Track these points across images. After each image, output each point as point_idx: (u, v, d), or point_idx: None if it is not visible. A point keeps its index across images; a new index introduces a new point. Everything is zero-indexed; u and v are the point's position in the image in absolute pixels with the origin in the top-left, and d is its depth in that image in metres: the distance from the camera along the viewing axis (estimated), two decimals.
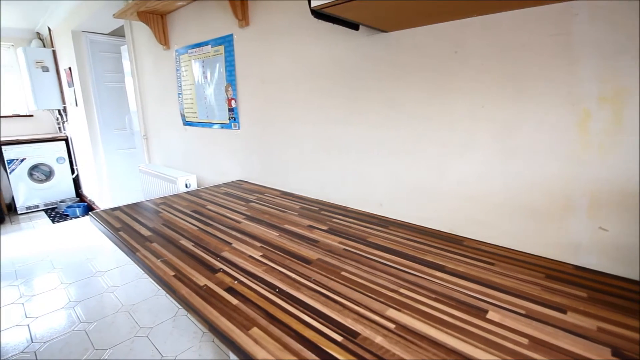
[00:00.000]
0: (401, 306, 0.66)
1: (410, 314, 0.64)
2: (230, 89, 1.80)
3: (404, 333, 0.58)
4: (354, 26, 1.10)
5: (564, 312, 0.64)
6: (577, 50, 0.75)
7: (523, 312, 0.64)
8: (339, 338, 0.57)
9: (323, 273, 0.80)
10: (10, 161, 3.94)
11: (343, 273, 0.79)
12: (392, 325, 0.60)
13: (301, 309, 0.66)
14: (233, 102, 1.80)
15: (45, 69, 4.05)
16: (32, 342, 1.81)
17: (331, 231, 1.06)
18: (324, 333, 0.58)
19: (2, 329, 1.92)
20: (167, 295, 2.23)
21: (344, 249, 0.92)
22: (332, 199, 1.39)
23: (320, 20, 1.24)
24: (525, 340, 0.56)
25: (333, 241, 0.98)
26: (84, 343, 1.80)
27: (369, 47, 1.14)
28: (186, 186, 2.08)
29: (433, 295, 0.70)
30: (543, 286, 0.72)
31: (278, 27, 1.46)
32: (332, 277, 0.78)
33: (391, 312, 0.64)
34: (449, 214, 1.04)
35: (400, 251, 0.90)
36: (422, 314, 0.64)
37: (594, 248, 0.79)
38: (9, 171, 3.96)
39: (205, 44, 1.89)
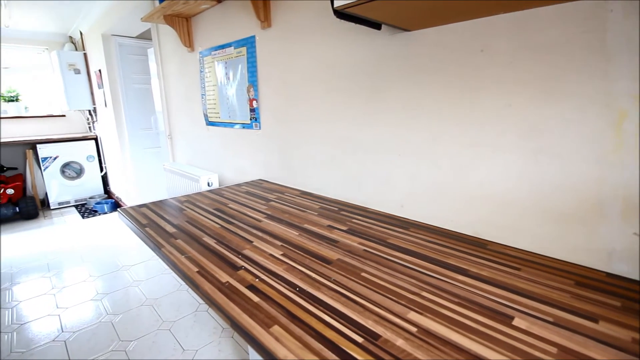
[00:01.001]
0: (423, 309, 0.65)
1: (433, 317, 0.63)
2: (251, 89, 1.83)
3: (426, 337, 0.58)
4: (376, 25, 1.09)
5: (595, 321, 0.61)
6: (612, 47, 0.72)
7: (551, 319, 0.62)
8: (359, 339, 0.57)
9: (343, 273, 0.80)
10: (44, 159, 4.15)
11: (363, 274, 0.79)
12: (413, 329, 0.60)
13: (321, 308, 0.66)
14: (254, 102, 1.83)
15: (77, 71, 4.24)
16: (62, 331, 1.90)
17: (351, 231, 1.05)
18: (344, 334, 0.58)
19: (35, 318, 2.03)
20: (188, 290, 2.29)
21: (364, 250, 0.92)
22: (351, 200, 1.38)
23: (342, 21, 1.24)
24: (553, 349, 0.55)
25: (353, 242, 0.98)
26: (110, 334, 1.87)
27: (391, 47, 1.13)
28: (208, 185, 2.13)
29: (456, 300, 0.68)
30: (573, 293, 0.70)
31: (299, 28, 1.47)
32: (352, 278, 0.77)
33: (413, 315, 0.63)
34: (473, 217, 1.01)
35: (421, 253, 0.89)
36: (444, 318, 0.63)
37: (628, 255, 0.75)
38: (42, 168, 4.17)
39: (228, 45, 1.92)
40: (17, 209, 3.83)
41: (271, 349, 0.55)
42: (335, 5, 0.82)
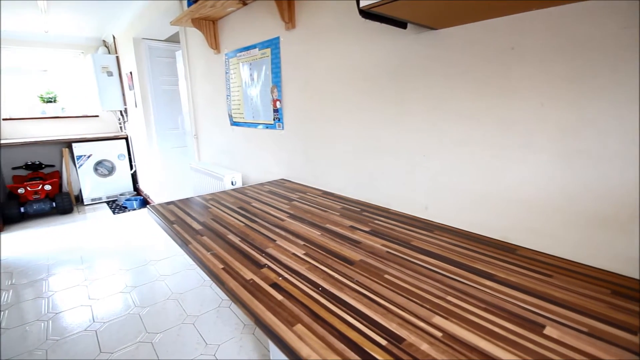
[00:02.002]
0: (448, 314, 0.64)
1: (459, 323, 0.61)
2: (275, 90, 1.85)
3: (452, 342, 0.56)
4: (402, 25, 1.08)
5: (633, 333, 0.58)
6: None
7: (586, 329, 0.59)
8: (383, 342, 0.57)
9: (366, 275, 0.79)
10: (79, 157, 4.38)
11: (386, 276, 0.78)
12: (438, 334, 0.58)
13: (344, 309, 0.66)
14: (278, 103, 1.85)
15: (110, 74, 4.44)
16: (94, 321, 2.00)
17: (373, 233, 1.05)
18: (367, 335, 0.58)
19: (68, 308, 2.14)
20: (212, 286, 2.35)
21: (387, 252, 0.91)
22: (374, 200, 1.37)
23: (367, 20, 1.24)
24: None
25: (375, 243, 0.97)
26: (137, 326, 1.95)
27: (417, 46, 1.11)
28: (232, 183, 2.17)
29: (483, 305, 0.66)
30: (609, 303, 0.66)
31: (323, 29, 1.47)
32: (375, 280, 0.77)
33: (438, 320, 0.62)
34: (501, 220, 0.98)
35: (446, 257, 0.87)
36: (471, 324, 0.61)
37: None
38: (77, 166, 4.40)
39: (253, 47, 1.95)
40: (54, 204, 4.05)
41: (295, 347, 0.55)
42: (361, 5, 0.82)
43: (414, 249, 0.92)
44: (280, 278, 0.79)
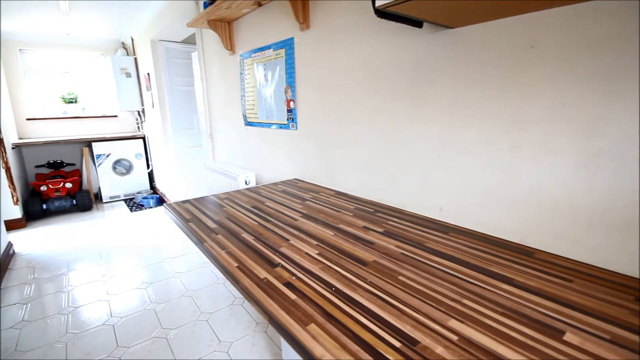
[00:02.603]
0: (464, 317, 0.63)
1: (475, 327, 0.60)
2: (289, 90, 1.86)
3: (468, 346, 0.55)
4: (418, 24, 1.07)
5: None
6: None
7: (608, 337, 0.57)
8: (397, 344, 0.56)
9: (379, 276, 0.79)
10: (99, 156, 4.50)
11: (400, 277, 0.78)
12: (454, 337, 0.57)
13: (358, 310, 0.66)
14: (292, 103, 1.86)
15: (128, 75, 4.55)
16: (112, 316, 2.05)
17: (387, 234, 1.04)
18: (381, 337, 0.58)
19: (87, 303, 2.20)
20: (225, 284, 2.37)
21: (401, 253, 0.90)
22: (387, 201, 1.36)
23: (382, 20, 1.23)
24: None
25: (389, 244, 0.96)
26: (153, 321, 1.99)
27: (433, 45, 1.10)
28: (246, 183, 2.19)
29: (500, 309, 0.65)
30: (632, 310, 0.64)
31: (337, 29, 1.47)
32: (389, 281, 0.76)
33: (453, 323, 0.61)
34: (519, 223, 0.96)
35: (461, 259, 0.86)
36: (488, 328, 0.60)
37: None
38: (97, 165, 4.52)
39: (268, 47, 1.97)
40: (74, 201, 4.18)
41: (308, 347, 0.56)
42: (376, 5, 0.82)
43: (429, 250, 0.91)
44: (294, 277, 0.79)
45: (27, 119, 4.53)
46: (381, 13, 0.87)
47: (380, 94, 1.32)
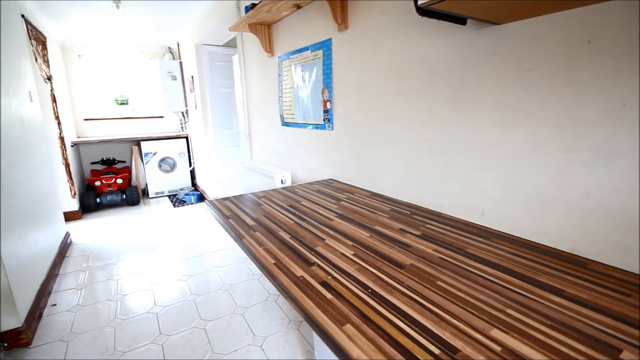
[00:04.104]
0: (508, 328, 0.60)
1: (520, 338, 0.57)
2: (326, 91, 1.87)
3: (512, 358, 0.53)
4: (461, 20, 1.03)
5: None
6: None
7: None
8: (436, 350, 0.55)
9: (417, 280, 0.77)
10: (146, 154, 4.80)
11: (439, 283, 0.76)
12: (497, 348, 0.55)
13: (395, 313, 0.65)
14: (328, 103, 1.87)
15: (174, 78, 4.81)
16: (155, 305, 2.18)
17: (425, 237, 1.01)
18: (419, 342, 0.57)
19: (134, 291, 2.36)
20: (259, 280, 2.44)
21: (440, 257, 0.88)
22: (425, 204, 1.33)
23: (423, 18, 1.20)
24: None
25: (427, 248, 0.94)
26: (192, 312, 2.08)
27: (477, 42, 1.06)
28: (281, 182, 2.24)
29: (548, 322, 0.61)
30: None
31: (376, 29, 1.46)
32: (427, 286, 0.74)
33: (496, 333, 0.58)
34: (570, 230, 0.90)
35: (506, 267, 0.82)
36: (534, 340, 0.57)
37: None
38: (144, 162, 4.83)
39: (305, 49, 1.99)
40: (124, 196, 4.49)
41: (345, 347, 0.56)
42: (419, 3, 0.80)
43: (469, 256, 0.88)
44: (330, 277, 0.79)
45: (85, 119, 4.94)
46: (423, 11, 0.85)
47: (419, 94, 1.29)
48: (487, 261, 0.85)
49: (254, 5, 2.06)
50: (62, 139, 3.58)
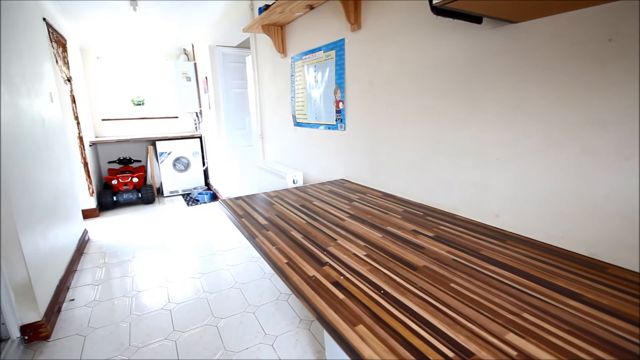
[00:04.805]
0: (524, 332, 0.58)
1: (537, 343, 0.56)
2: (338, 91, 1.87)
3: None
4: (477, 19, 1.02)
5: None
6: None
7: None
8: (449, 353, 0.54)
9: (430, 281, 0.76)
10: (161, 154, 4.89)
11: (453, 285, 0.75)
12: (513, 352, 0.54)
13: (408, 315, 0.64)
14: (341, 104, 1.87)
15: (188, 79, 4.88)
16: (169, 302, 2.22)
17: (438, 238, 1.00)
18: (432, 345, 0.56)
19: (148, 288, 2.40)
20: (271, 279, 2.45)
21: (453, 259, 0.87)
22: (438, 205, 1.31)
23: (437, 17, 1.19)
24: None
25: (440, 249, 0.93)
26: (205, 310, 2.11)
27: (493, 41, 1.04)
28: (293, 182, 2.25)
29: (566, 327, 0.60)
30: None
31: (389, 28, 1.45)
32: (441, 288, 0.74)
33: (512, 337, 0.57)
34: (589, 233, 0.87)
35: (521, 270, 0.80)
36: (552, 345, 0.55)
37: None
38: (159, 162, 4.92)
39: (318, 49, 2.00)
40: (139, 194, 4.58)
41: (357, 347, 0.56)
42: (434, 2, 0.79)
43: (484, 258, 0.87)
44: (342, 277, 0.79)
45: (102, 120, 5.06)
46: (439, 10, 0.85)
47: (432, 94, 1.28)
48: (502, 264, 0.83)
49: (267, 7, 2.08)
50: (81, 138, 3.69)
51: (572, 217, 0.90)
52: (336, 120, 1.93)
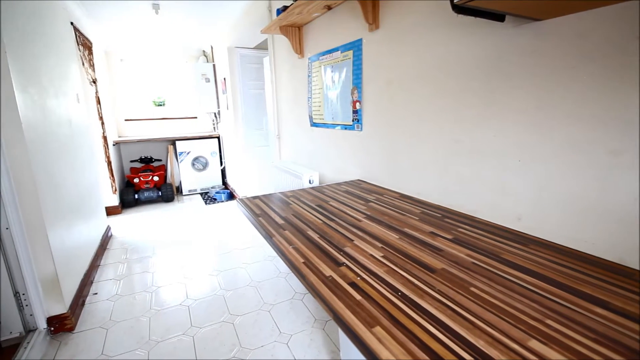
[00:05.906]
0: (548, 339, 0.57)
1: (561, 351, 0.54)
2: (355, 91, 1.86)
3: None
4: (499, 17, 1.00)
5: None
6: None
7: None
8: (469, 358, 0.53)
9: (449, 285, 0.75)
10: (181, 153, 5.00)
11: (472, 289, 0.73)
12: (535, 359, 0.53)
13: (426, 318, 0.63)
14: (357, 104, 1.86)
15: (207, 80, 4.98)
16: (187, 298, 2.27)
17: (457, 241, 0.99)
18: (451, 349, 0.55)
19: (167, 284, 2.46)
20: (286, 278, 2.47)
21: (473, 263, 0.85)
22: (456, 207, 1.29)
23: (458, 16, 1.17)
24: None
25: (459, 252, 0.91)
26: (221, 307, 2.15)
27: (516, 39, 1.01)
28: (309, 182, 2.25)
29: (592, 335, 0.58)
30: None
31: (408, 28, 1.43)
32: (460, 291, 0.72)
33: (534, 344, 0.56)
34: (617, 239, 0.84)
35: (545, 275, 0.78)
36: (576, 354, 0.53)
37: None
38: (179, 161, 5.03)
39: (335, 50, 2.00)
40: (160, 192, 4.70)
41: (374, 349, 0.56)
42: (455, 0, 0.78)
43: (505, 262, 0.85)
44: (359, 278, 0.79)
45: (125, 120, 5.22)
46: (460, 8, 0.83)
47: (451, 94, 1.26)
48: (524, 268, 0.81)
49: (285, 8, 2.09)
50: (105, 138, 3.81)
51: (599, 221, 0.87)
52: (353, 121, 1.92)
